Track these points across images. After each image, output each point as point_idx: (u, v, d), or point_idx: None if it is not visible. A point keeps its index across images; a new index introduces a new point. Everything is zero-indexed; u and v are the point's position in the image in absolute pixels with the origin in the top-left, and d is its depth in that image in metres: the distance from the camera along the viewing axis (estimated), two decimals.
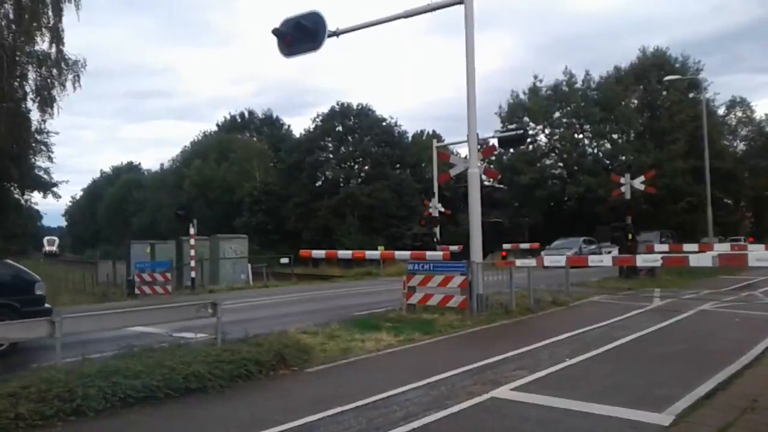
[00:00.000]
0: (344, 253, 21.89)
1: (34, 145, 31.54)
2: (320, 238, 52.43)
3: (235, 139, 74.86)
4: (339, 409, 6.07)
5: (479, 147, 15.21)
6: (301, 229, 56.83)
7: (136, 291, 22.19)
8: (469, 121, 13.39)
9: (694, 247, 21.09)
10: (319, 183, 60.10)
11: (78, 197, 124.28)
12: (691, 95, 50.38)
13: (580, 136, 54.29)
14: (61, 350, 7.37)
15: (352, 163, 60.69)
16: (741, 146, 59.53)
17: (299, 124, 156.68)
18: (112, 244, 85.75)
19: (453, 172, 15.30)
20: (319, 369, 8.14)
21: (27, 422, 5.67)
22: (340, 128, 60.81)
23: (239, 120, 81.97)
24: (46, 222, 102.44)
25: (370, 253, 21.68)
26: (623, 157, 49.64)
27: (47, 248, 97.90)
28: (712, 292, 17.15)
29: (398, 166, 60.21)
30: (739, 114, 59.34)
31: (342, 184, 58.81)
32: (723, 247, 22.10)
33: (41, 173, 38.84)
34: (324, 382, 7.54)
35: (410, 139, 64.73)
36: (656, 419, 5.58)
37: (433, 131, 67.98)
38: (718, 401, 6.20)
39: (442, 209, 28.69)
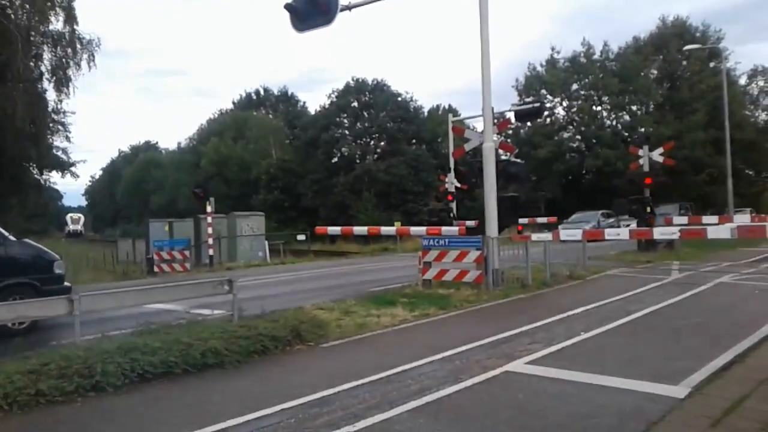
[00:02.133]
0: (360, 230, 21.80)
1: (51, 125, 31.67)
2: (337, 215, 52.49)
3: (250, 116, 74.75)
4: (354, 383, 6.12)
5: (494, 121, 15.05)
6: (318, 205, 56.94)
7: (155, 269, 22.46)
8: (483, 93, 13.25)
9: (714, 219, 20.86)
10: (335, 159, 59.90)
11: (97, 176, 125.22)
12: (711, 65, 49.36)
13: (599, 108, 53.44)
14: (80, 328, 7.49)
15: (368, 139, 60.38)
16: (763, 116, 58.09)
17: (315, 101, 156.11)
18: (131, 222, 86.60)
19: (468, 147, 15.15)
20: (334, 344, 8.20)
21: (47, 398, 5.80)
22: (355, 104, 60.39)
23: (255, 97, 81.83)
24: (67, 201, 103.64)
25: (385, 229, 21.66)
26: (642, 129, 48.94)
27: (71, 227, 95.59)
28: (731, 264, 16.99)
29: (414, 141, 59.72)
30: (761, 83, 57.67)
31: (358, 161, 58.62)
32: (743, 219, 21.83)
33: (59, 153, 39.10)
34: (339, 357, 7.61)
35: (426, 114, 64.12)
36: (672, 392, 5.56)
37: (449, 106, 67.22)
38: (735, 374, 6.17)
39: (459, 184, 28.48)
